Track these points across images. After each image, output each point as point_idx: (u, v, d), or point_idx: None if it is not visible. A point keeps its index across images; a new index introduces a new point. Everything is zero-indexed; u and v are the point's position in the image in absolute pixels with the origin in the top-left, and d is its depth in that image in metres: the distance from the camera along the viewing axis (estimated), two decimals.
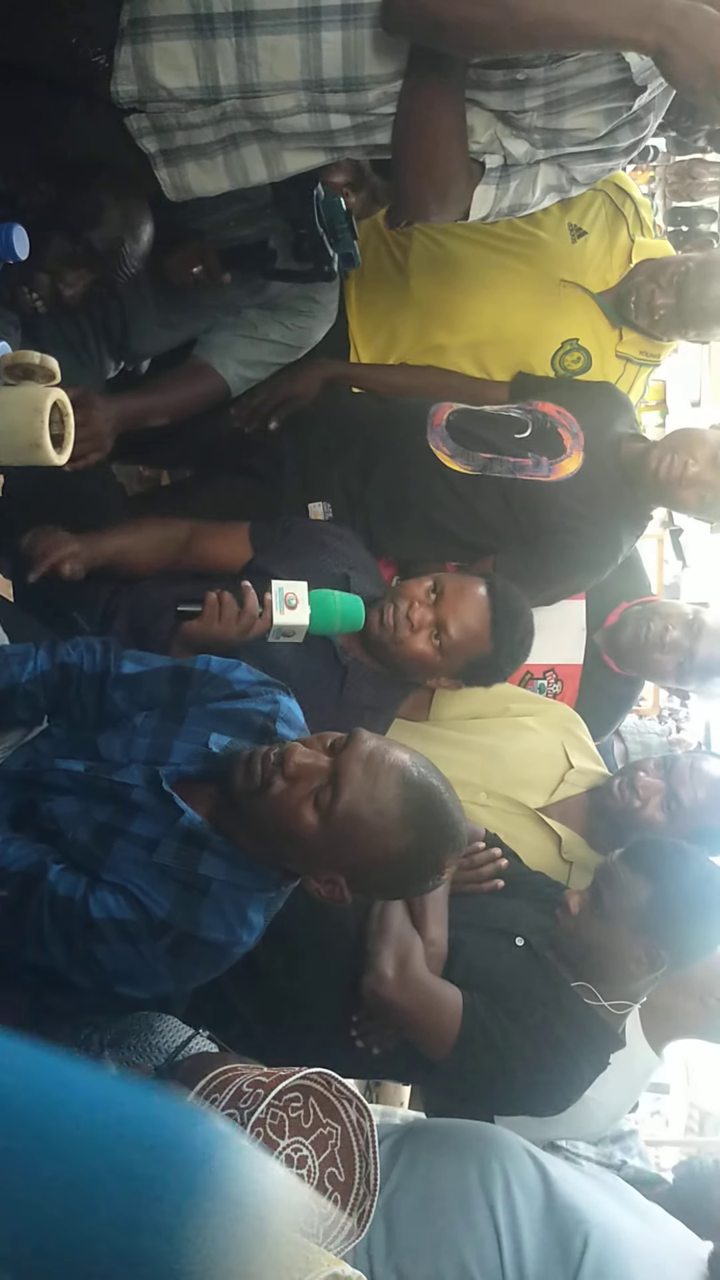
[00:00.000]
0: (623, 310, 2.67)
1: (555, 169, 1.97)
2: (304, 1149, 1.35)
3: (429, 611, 2.15)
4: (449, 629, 2.15)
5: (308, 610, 1.99)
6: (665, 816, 2.43)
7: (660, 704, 4.87)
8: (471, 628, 2.16)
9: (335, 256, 2.21)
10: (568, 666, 2.71)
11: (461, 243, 2.67)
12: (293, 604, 1.98)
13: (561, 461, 2.49)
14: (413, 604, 2.15)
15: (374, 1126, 1.39)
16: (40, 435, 1.63)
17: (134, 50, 1.81)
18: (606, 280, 2.70)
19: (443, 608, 2.15)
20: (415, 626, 2.15)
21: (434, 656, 2.17)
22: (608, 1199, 2.02)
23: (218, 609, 1.99)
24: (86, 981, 1.57)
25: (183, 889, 1.57)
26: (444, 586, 2.18)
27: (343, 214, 2.15)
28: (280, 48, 1.78)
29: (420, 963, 1.98)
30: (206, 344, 2.50)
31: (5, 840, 1.60)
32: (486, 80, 1.82)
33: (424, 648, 2.15)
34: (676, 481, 2.45)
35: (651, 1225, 2.02)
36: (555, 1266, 1.83)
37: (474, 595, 2.18)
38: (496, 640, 2.19)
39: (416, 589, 2.18)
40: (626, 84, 1.82)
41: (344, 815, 1.53)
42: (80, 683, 1.79)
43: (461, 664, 2.21)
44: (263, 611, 1.99)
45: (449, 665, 2.20)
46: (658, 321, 2.64)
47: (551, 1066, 1.99)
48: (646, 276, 2.63)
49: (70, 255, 1.85)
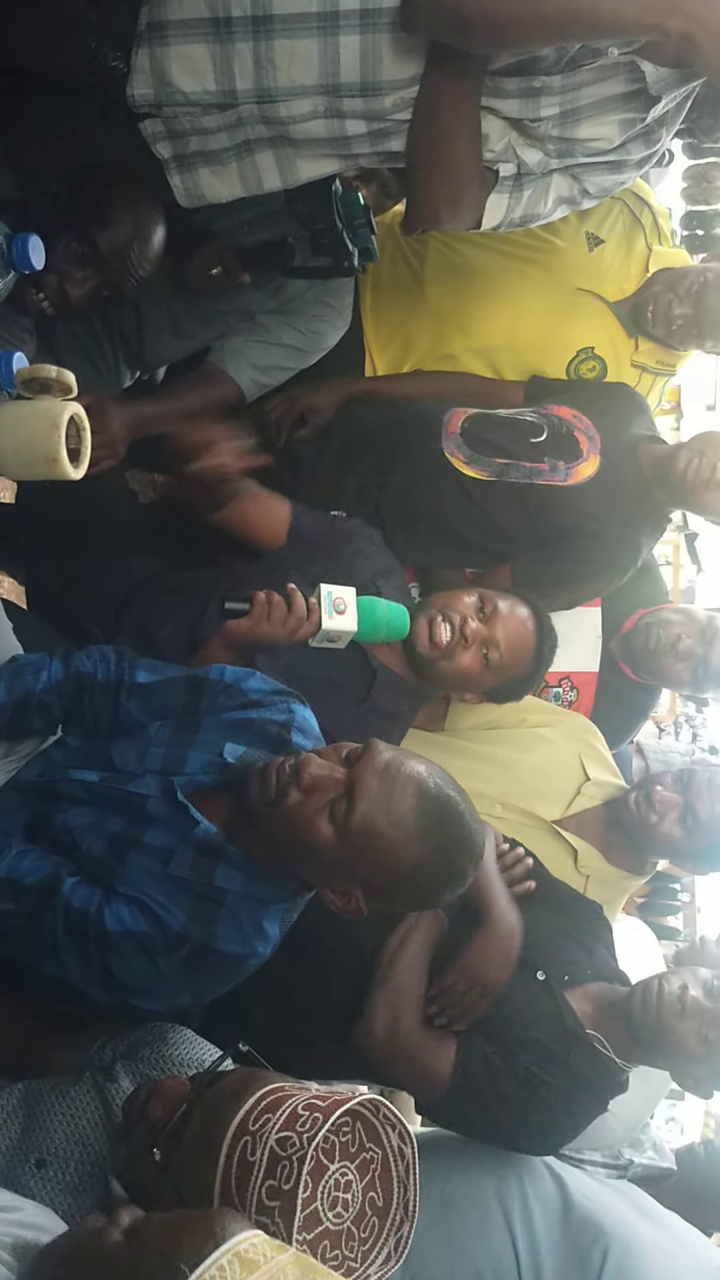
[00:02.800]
0: (639, 319, 2.65)
1: (568, 180, 1.96)
2: (350, 1173, 1.34)
3: (482, 628, 2.16)
4: (500, 646, 2.16)
5: (356, 617, 1.97)
6: (682, 831, 2.42)
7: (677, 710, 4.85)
8: (519, 648, 2.19)
9: (354, 251, 2.20)
10: (583, 674, 2.70)
11: (478, 250, 2.66)
12: (341, 609, 1.95)
13: (578, 466, 2.48)
14: (465, 619, 2.16)
15: (415, 1153, 1.38)
16: (57, 450, 1.62)
17: (151, 53, 1.81)
18: (623, 289, 2.69)
19: (494, 626, 2.17)
20: (469, 642, 2.15)
21: (480, 673, 2.18)
22: (626, 1209, 2.00)
23: (267, 609, 1.94)
24: (102, 995, 1.57)
25: (198, 901, 1.56)
26: (495, 603, 2.19)
27: (360, 208, 2.15)
28: (298, 52, 1.78)
29: (413, 1019, 1.94)
30: (220, 349, 2.49)
31: (20, 853, 1.60)
32: (502, 88, 1.81)
33: (473, 664, 2.17)
34: (704, 484, 2.44)
35: (670, 1235, 2.00)
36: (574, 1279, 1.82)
37: (522, 615, 2.20)
38: (536, 661, 2.21)
39: (464, 604, 2.18)
40: (642, 94, 1.81)
41: (360, 827, 1.52)
42: (94, 692, 1.78)
43: (500, 681, 2.22)
44: (310, 615, 1.95)
45: (489, 681, 2.22)
46: (675, 331, 2.63)
47: (542, 1114, 1.96)
48: (664, 286, 2.62)
49: (77, 256, 1.84)
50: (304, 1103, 1.32)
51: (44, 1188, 1.47)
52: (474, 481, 2.46)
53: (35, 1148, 1.51)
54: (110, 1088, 1.56)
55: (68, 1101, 1.55)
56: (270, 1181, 1.26)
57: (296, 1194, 1.24)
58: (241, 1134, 1.30)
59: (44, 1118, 1.54)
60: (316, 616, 1.94)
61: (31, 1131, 1.53)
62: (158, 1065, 1.61)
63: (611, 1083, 2.01)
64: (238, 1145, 1.29)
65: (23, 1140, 1.52)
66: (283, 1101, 1.33)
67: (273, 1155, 1.27)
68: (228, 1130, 1.30)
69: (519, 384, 2.70)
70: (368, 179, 2.32)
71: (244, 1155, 1.28)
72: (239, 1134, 1.30)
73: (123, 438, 2.21)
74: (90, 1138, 1.51)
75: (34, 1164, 1.49)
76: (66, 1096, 1.56)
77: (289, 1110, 1.31)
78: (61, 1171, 1.49)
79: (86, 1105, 1.55)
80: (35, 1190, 1.45)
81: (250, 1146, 1.28)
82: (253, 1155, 1.28)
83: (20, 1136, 1.52)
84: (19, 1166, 1.50)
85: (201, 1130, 1.32)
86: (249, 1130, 1.30)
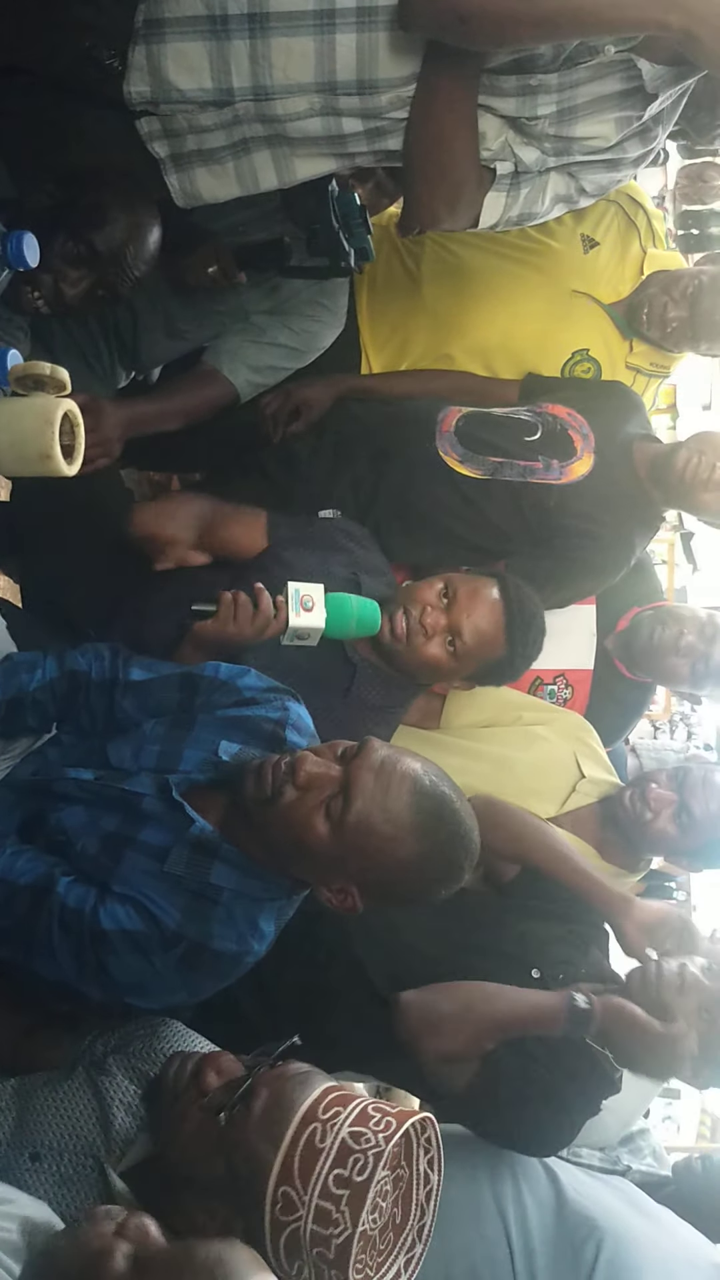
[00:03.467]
0: (634, 322, 2.66)
1: (565, 178, 1.96)
2: (387, 1185, 1.37)
3: (442, 616, 2.11)
4: (463, 634, 2.11)
5: (324, 613, 1.96)
6: (677, 829, 2.42)
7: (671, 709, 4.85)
8: (486, 632, 2.13)
9: (351, 251, 2.20)
10: (578, 672, 2.70)
11: (474, 251, 2.67)
12: (309, 606, 1.94)
13: (572, 464, 2.48)
14: (425, 609, 2.11)
15: (440, 1181, 1.42)
16: (51, 446, 1.62)
17: (148, 51, 1.80)
18: (618, 291, 2.69)
19: (456, 612, 2.11)
20: (429, 633, 2.10)
21: (448, 662, 2.13)
22: (619, 1204, 2.00)
23: (233, 609, 1.93)
24: (97, 993, 1.57)
25: (194, 899, 1.56)
26: (456, 590, 2.13)
27: (357, 208, 2.15)
28: (294, 50, 1.78)
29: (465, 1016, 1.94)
30: (215, 350, 2.50)
31: (15, 852, 1.60)
32: (499, 86, 1.81)
33: (437, 653, 2.12)
34: (702, 484, 2.43)
35: (663, 1230, 2.00)
36: (568, 1273, 1.82)
37: (487, 598, 2.14)
38: (510, 643, 2.16)
39: (428, 593, 2.13)
40: (639, 92, 1.81)
41: (355, 824, 1.52)
42: (89, 690, 1.79)
43: (475, 668, 2.18)
44: (278, 613, 1.94)
45: (462, 669, 2.18)
46: (670, 334, 2.63)
47: (543, 1114, 1.96)
48: (659, 289, 2.62)
49: (73, 255, 1.84)
50: (371, 1104, 1.39)
51: (39, 1181, 1.48)
52: (468, 480, 2.45)
53: (29, 1142, 1.52)
54: (103, 1081, 1.56)
55: (60, 1095, 1.55)
56: (339, 1170, 1.32)
57: (369, 1187, 1.31)
58: (310, 1120, 1.36)
59: (37, 1112, 1.54)
60: (284, 614, 1.93)
61: (25, 1127, 1.53)
62: (150, 1059, 1.61)
63: (605, 1083, 2.01)
64: (305, 1129, 1.35)
65: (16, 1135, 1.52)
66: (350, 1099, 1.39)
67: (344, 1146, 1.33)
68: (296, 1113, 1.36)
69: (514, 382, 2.71)
70: (363, 178, 2.32)
71: (311, 1140, 1.34)
72: (307, 1119, 1.36)
73: (117, 436, 2.21)
74: (84, 1130, 1.52)
75: (28, 1158, 1.50)
76: (59, 1090, 1.56)
77: (359, 1108, 1.37)
78: (56, 1164, 1.50)
79: (79, 1098, 1.55)
80: (30, 1184, 1.46)
81: (320, 1133, 1.34)
82: (322, 1142, 1.34)
83: (14, 1132, 1.53)
84: (13, 1160, 1.50)
85: (268, 1108, 1.37)
86: (318, 1118, 1.36)
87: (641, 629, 2.65)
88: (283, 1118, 1.36)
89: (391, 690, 2.22)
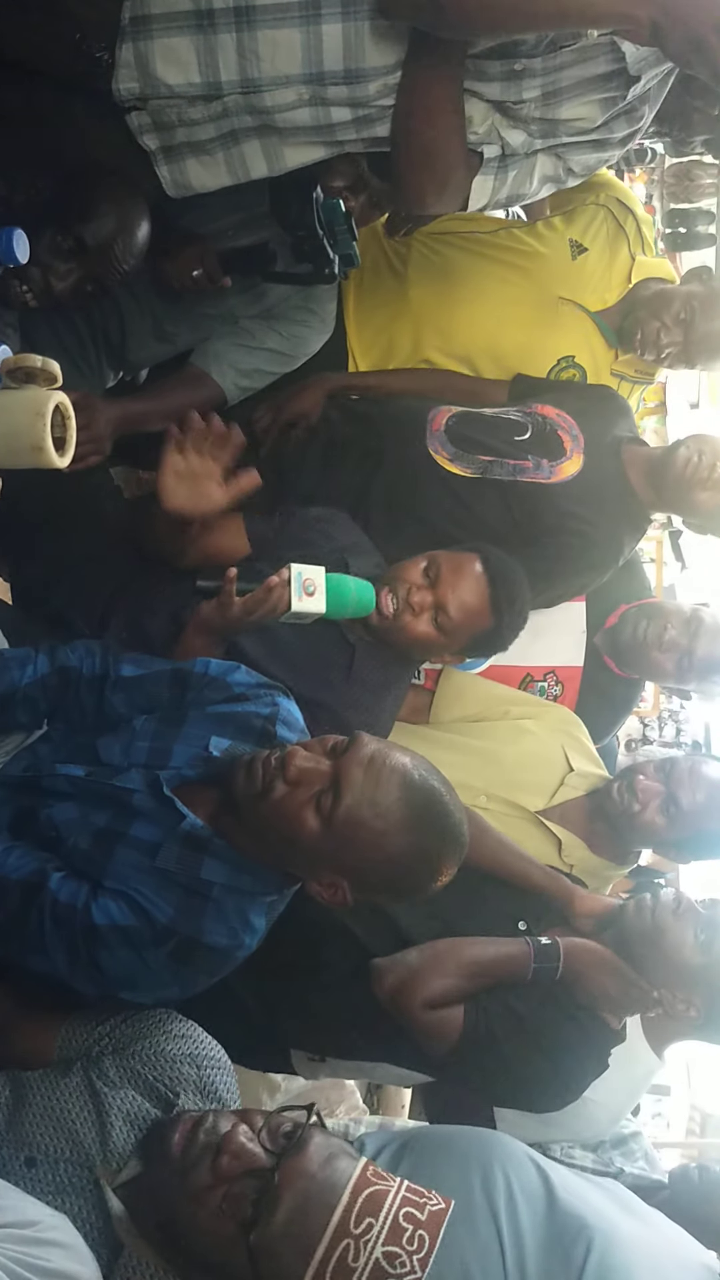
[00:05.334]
0: (627, 344, 2.67)
1: (552, 159, 1.99)
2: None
3: (428, 594, 2.13)
4: (449, 609, 2.13)
5: (324, 597, 1.96)
6: (664, 820, 2.43)
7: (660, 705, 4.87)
8: (471, 605, 2.15)
9: (335, 258, 2.20)
10: (568, 669, 2.71)
11: (461, 253, 2.68)
12: (310, 590, 1.93)
13: (562, 464, 2.49)
14: (411, 588, 2.13)
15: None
16: (42, 438, 1.62)
17: (135, 47, 1.81)
18: (605, 299, 2.70)
19: (441, 589, 2.13)
20: (416, 610, 2.13)
21: (437, 637, 2.15)
22: (610, 1205, 2.01)
23: (234, 585, 1.91)
24: (90, 988, 1.57)
25: (185, 894, 1.57)
26: (440, 566, 2.15)
27: (342, 215, 2.15)
28: (281, 41, 1.79)
29: (433, 976, 1.97)
30: (203, 352, 2.49)
31: (6, 849, 1.60)
32: (484, 71, 1.83)
33: (425, 629, 2.14)
34: (700, 483, 2.45)
35: (654, 1230, 2.01)
36: (558, 1273, 1.82)
37: (471, 572, 2.16)
38: (497, 614, 2.18)
39: (412, 571, 2.15)
40: (622, 74, 1.83)
41: (346, 819, 1.53)
42: (80, 686, 1.79)
43: (465, 641, 2.20)
44: (278, 590, 1.91)
45: (452, 644, 2.19)
46: (664, 358, 2.65)
47: (553, 1063, 1.99)
48: (649, 313, 2.62)
49: (61, 250, 1.84)
50: (401, 1212, 1.34)
51: (34, 1188, 1.46)
52: (458, 479, 2.46)
53: (24, 1143, 1.51)
54: (102, 1086, 1.55)
55: (57, 1096, 1.54)
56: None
57: None
58: (342, 1236, 1.31)
59: (32, 1112, 1.53)
60: (287, 594, 1.93)
61: (18, 1125, 1.52)
62: (152, 1064, 1.59)
63: (608, 1033, 2.04)
64: (337, 1247, 1.31)
65: (9, 1133, 1.51)
66: (380, 1201, 1.34)
67: (378, 1269, 1.30)
68: (326, 1229, 1.32)
69: (503, 382, 2.71)
70: (356, 190, 2.32)
71: (344, 1259, 1.30)
72: (339, 1235, 1.31)
73: (108, 433, 2.21)
74: (80, 1135, 1.51)
75: (24, 1162, 1.49)
76: (56, 1090, 1.55)
77: (390, 1219, 1.33)
78: (51, 1171, 1.48)
79: (76, 1103, 1.54)
80: (24, 1190, 1.43)
81: (352, 1251, 1.31)
82: (354, 1261, 1.30)
83: (6, 1129, 1.51)
84: (8, 1163, 1.49)
85: (295, 1217, 1.33)
86: (350, 1233, 1.32)
87: (626, 625, 2.66)
88: (313, 1231, 1.32)
89: (390, 667, 2.22)
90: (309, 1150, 1.39)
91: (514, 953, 2.01)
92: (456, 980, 1.98)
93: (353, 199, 2.27)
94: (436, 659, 2.28)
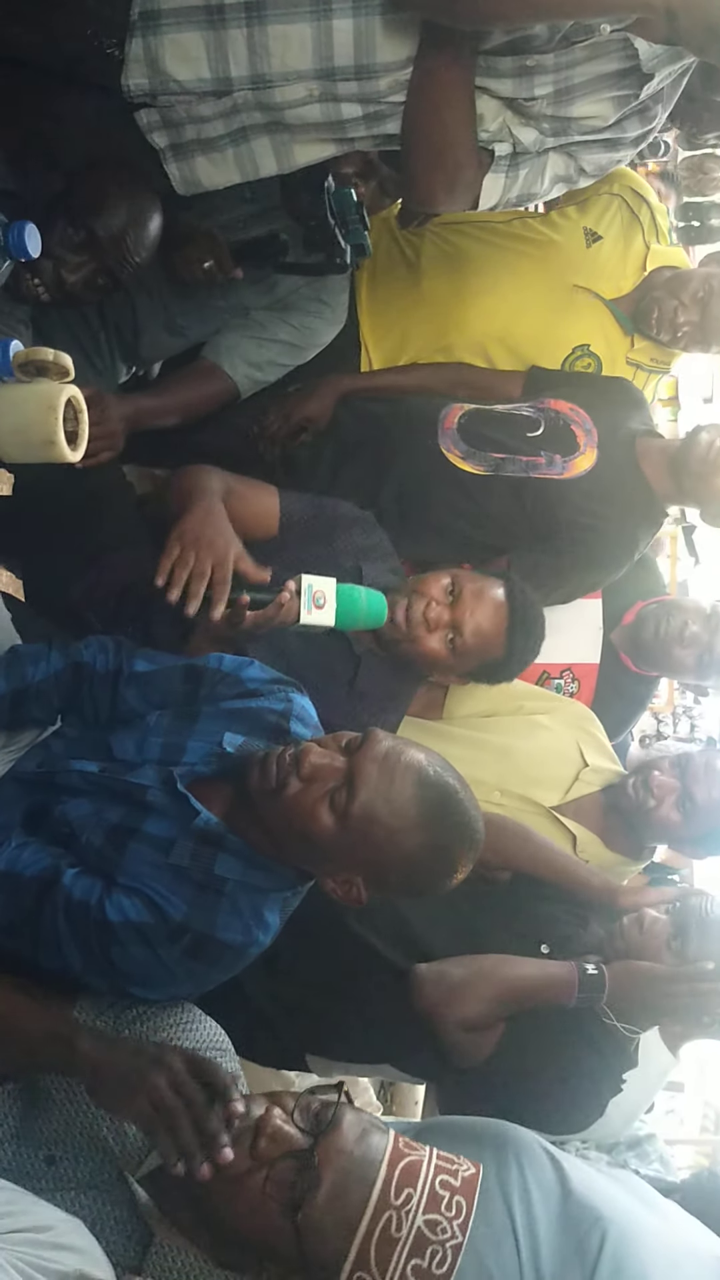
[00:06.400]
0: (643, 325, 2.65)
1: (564, 158, 1.97)
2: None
3: (446, 611, 2.12)
4: (464, 632, 2.12)
5: (334, 609, 1.95)
6: (680, 816, 2.43)
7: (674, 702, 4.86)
8: (487, 632, 2.14)
9: (347, 247, 2.20)
10: (584, 666, 2.70)
11: (474, 243, 2.66)
12: (320, 603, 1.92)
13: (575, 459, 2.48)
14: (430, 603, 2.12)
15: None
16: (55, 432, 1.62)
17: (145, 43, 1.81)
18: (620, 287, 2.69)
19: (460, 610, 2.12)
20: (431, 626, 2.11)
21: (446, 657, 2.14)
22: (624, 1196, 2.00)
23: (246, 607, 1.90)
24: (103, 985, 1.57)
25: (199, 890, 1.56)
26: (463, 587, 2.14)
27: (353, 204, 2.14)
28: (291, 37, 1.78)
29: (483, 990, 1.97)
30: (215, 345, 2.49)
31: (20, 845, 1.60)
32: (496, 67, 1.82)
33: (437, 648, 2.13)
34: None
35: (668, 1222, 2.00)
36: (572, 1263, 1.82)
37: (492, 599, 2.15)
38: (510, 645, 2.17)
39: (434, 587, 2.14)
40: (635, 71, 1.82)
41: (360, 815, 1.52)
42: (93, 682, 1.78)
43: (473, 665, 2.19)
44: (287, 604, 1.90)
45: (460, 666, 2.19)
46: (680, 338, 2.63)
47: (571, 1093, 1.98)
48: (667, 292, 2.61)
49: (73, 242, 1.84)
50: (436, 1180, 1.38)
51: (57, 1185, 1.46)
52: (470, 476, 2.45)
53: (43, 1142, 1.50)
54: None
55: (71, 1092, 1.53)
56: (416, 1261, 1.33)
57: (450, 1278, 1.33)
58: (384, 1208, 1.35)
59: (47, 1109, 1.53)
60: (296, 606, 1.91)
61: (32, 1119, 1.51)
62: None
63: (623, 1057, 2.03)
64: (380, 1219, 1.34)
65: (23, 1128, 1.51)
66: (416, 1171, 1.38)
67: (420, 1236, 1.34)
68: (368, 1204, 1.35)
69: (518, 374, 2.70)
70: (366, 177, 2.32)
71: (387, 1230, 1.34)
72: (381, 1208, 1.35)
73: (121, 430, 2.21)
74: (96, 1129, 1.50)
75: (44, 1160, 1.48)
76: (69, 1086, 1.53)
77: (428, 1187, 1.37)
78: (73, 1168, 1.48)
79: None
80: (48, 1188, 1.44)
81: (395, 1222, 1.34)
82: (397, 1232, 1.33)
83: (20, 1124, 1.51)
84: (28, 1162, 1.48)
85: (336, 1193, 1.35)
86: (391, 1204, 1.35)
87: (647, 622, 2.66)
88: (355, 1205, 1.35)
89: (395, 680, 2.23)
90: (343, 1128, 1.40)
91: (558, 979, 1.98)
92: (496, 1005, 1.96)
93: (362, 185, 2.27)
94: (440, 678, 2.27)
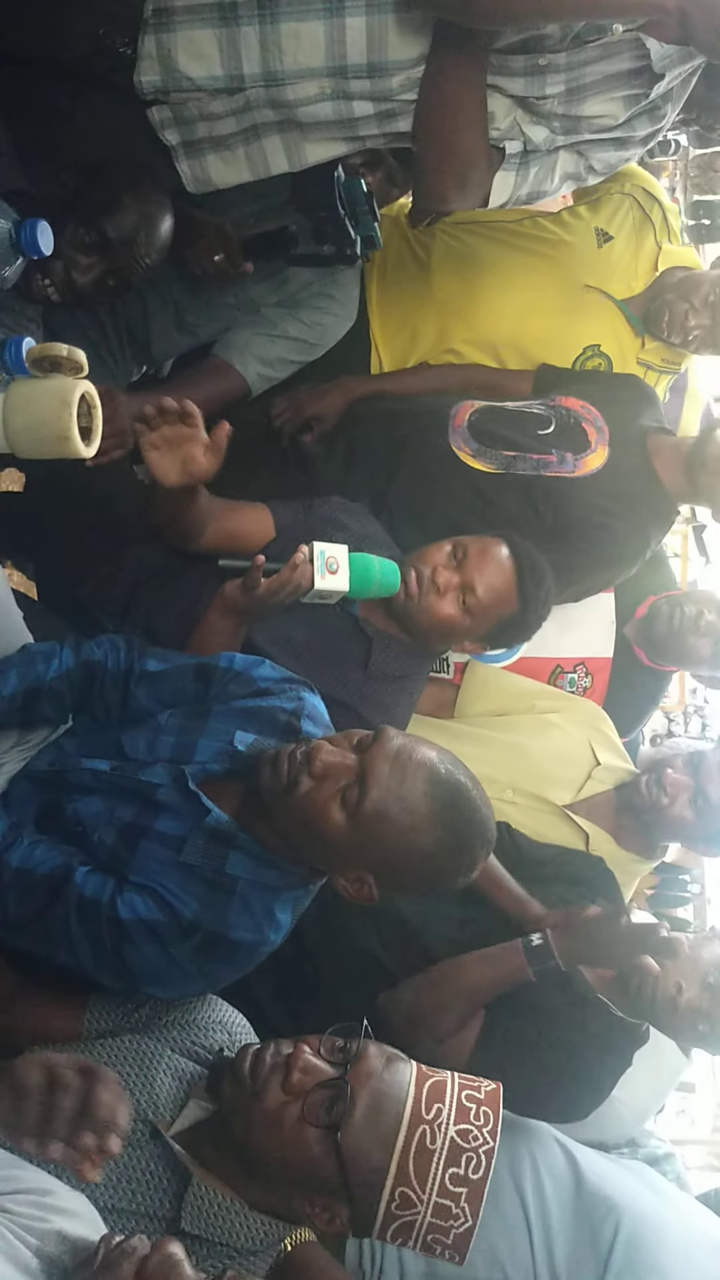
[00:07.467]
0: (653, 327, 2.65)
1: (574, 157, 1.98)
2: None
3: (454, 574, 2.11)
4: (476, 590, 2.10)
5: (348, 574, 1.94)
6: (693, 814, 2.42)
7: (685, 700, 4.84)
8: (498, 587, 2.12)
9: (357, 239, 2.19)
10: (598, 660, 2.69)
11: (485, 241, 2.66)
12: (334, 568, 1.91)
13: (586, 457, 2.47)
14: (436, 569, 2.11)
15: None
16: (68, 428, 1.62)
17: (158, 40, 1.82)
18: (631, 287, 2.68)
19: (468, 569, 2.11)
20: (441, 590, 2.10)
21: (462, 619, 2.12)
22: (637, 1185, 2.01)
23: (262, 567, 1.88)
24: (115, 982, 1.58)
25: (210, 889, 1.57)
26: (466, 549, 2.13)
27: (363, 195, 2.15)
28: (304, 34, 1.79)
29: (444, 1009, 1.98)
30: (225, 343, 2.49)
31: (32, 843, 1.60)
32: (507, 66, 1.82)
33: (451, 611, 2.11)
34: None
35: (681, 1212, 2.01)
36: (586, 1254, 1.83)
37: (497, 555, 2.14)
38: (523, 598, 2.15)
39: (437, 554, 2.14)
40: (646, 71, 1.82)
41: (372, 813, 1.52)
42: (105, 680, 1.78)
43: (489, 625, 2.17)
44: (300, 569, 1.88)
45: (477, 628, 2.16)
46: (691, 341, 2.62)
47: (574, 1077, 1.98)
48: (678, 295, 2.60)
49: (84, 244, 1.84)
50: (462, 1094, 1.47)
51: None
52: (481, 474, 2.44)
53: None
54: (144, 1044, 1.55)
55: (99, 1058, 1.51)
56: (454, 1169, 1.41)
57: (485, 1183, 1.41)
58: (418, 1123, 1.42)
59: None
60: (310, 571, 1.90)
61: None
62: (191, 1030, 1.62)
63: (631, 1037, 2.02)
64: (415, 1133, 1.42)
65: None
66: (442, 1089, 1.47)
67: (454, 1146, 1.42)
68: (402, 1119, 1.43)
69: (528, 373, 2.70)
70: (373, 166, 2.31)
71: (422, 1143, 1.41)
72: (415, 1122, 1.42)
73: (132, 428, 2.21)
74: (129, 1091, 1.47)
75: None
76: (96, 1053, 1.54)
77: (456, 1101, 1.46)
78: None
79: (119, 1060, 1.54)
80: None
81: (429, 1135, 1.42)
82: (432, 1144, 1.41)
83: None
84: None
85: (371, 1114, 1.43)
86: (424, 1119, 1.43)
87: (661, 613, 2.65)
88: (390, 1123, 1.42)
89: (408, 659, 2.21)
90: (370, 1055, 1.48)
91: (507, 962, 2.00)
92: (457, 1010, 1.98)
93: (370, 174, 2.27)
94: (458, 647, 2.26)
